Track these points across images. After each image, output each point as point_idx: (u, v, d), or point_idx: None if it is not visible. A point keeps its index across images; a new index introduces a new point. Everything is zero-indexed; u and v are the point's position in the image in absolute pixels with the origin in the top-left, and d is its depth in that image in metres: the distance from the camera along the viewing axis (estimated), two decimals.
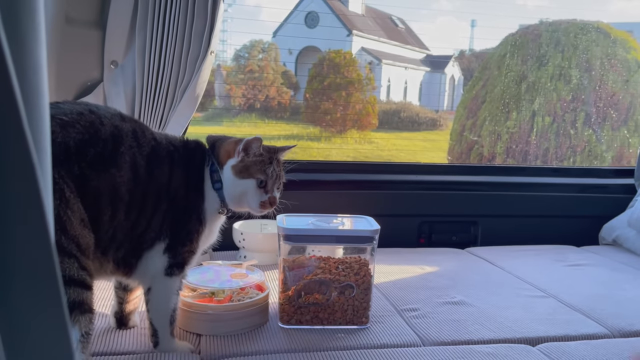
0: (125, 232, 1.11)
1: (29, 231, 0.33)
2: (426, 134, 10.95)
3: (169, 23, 1.71)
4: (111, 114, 1.12)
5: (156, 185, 1.14)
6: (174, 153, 1.20)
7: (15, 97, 0.30)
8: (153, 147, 1.15)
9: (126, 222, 1.11)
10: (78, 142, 1.03)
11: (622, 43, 6.93)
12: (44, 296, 0.34)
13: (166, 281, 1.19)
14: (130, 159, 1.10)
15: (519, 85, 6.95)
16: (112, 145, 1.08)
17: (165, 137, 1.23)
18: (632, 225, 2.22)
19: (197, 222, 1.21)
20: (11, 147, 0.31)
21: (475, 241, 2.34)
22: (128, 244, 1.13)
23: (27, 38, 0.34)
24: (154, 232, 1.15)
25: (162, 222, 1.16)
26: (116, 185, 1.07)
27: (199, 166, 1.25)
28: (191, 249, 1.21)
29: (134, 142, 1.12)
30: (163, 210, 1.16)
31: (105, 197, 1.06)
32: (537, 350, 1.32)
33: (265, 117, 10.85)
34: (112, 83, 1.75)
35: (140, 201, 1.12)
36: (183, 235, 1.19)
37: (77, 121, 1.05)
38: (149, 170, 1.13)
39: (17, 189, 0.32)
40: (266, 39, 13.39)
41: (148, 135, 1.17)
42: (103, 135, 1.07)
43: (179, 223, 1.18)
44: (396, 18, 15.46)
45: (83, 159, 1.03)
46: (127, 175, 1.09)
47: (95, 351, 1.21)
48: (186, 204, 1.20)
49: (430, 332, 1.39)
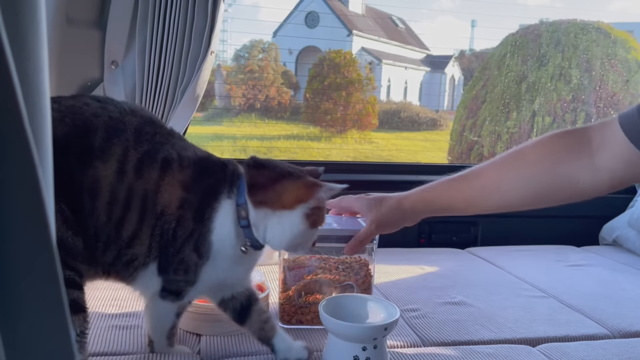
0: (109, 235, 1.02)
1: (30, 231, 0.33)
2: (426, 134, 10.96)
3: (169, 23, 1.71)
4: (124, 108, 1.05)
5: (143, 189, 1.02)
6: (180, 164, 1.05)
7: (17, 98, 0.31)
8: (149, 150, 1.03)
9: (108, 222, 1.01)
10: (64, 135, 0.98)
11: (623, 43, 6.93)
12: (44, 296, 0.34)
13: (160, 303, 1.10)
14: (121, 152, 1.00)
15: (519, 85, 6.95)
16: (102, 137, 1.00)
17: (184, 147, 1.08)
18: (633, 225, 2.22)
19: (195, 254, 1.05)
20: (12, 147, 0.31)
21: (475, 241, 2.34)
22: (115, 250, 1.04)
23: (28, 38, 0.34)
24: (144, 245, 1.03)
25: (150, 236, 1.03)
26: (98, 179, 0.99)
27: (214, 192, 1.06)
28: (187, 280, 1.07)
29: (132, 137, 1.02)
30: (151, 225, 1.02)
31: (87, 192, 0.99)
32: (537, 351, 1.32)
33: (265, 117, 10.86)
34: (112, 83, 1.75)
35: (124, 202, 1.01)
36: (175, 262, 1.05)
37: (66, 114, 0.99)
38: (137, 169, 1.02)
39: (17, 188, 0.32)
40: (266, 39, 13.41)
41: (158, 135, 1.05)
42: (93, 126, 1.00)
43: (169, 247, 1.04)
44: (396, 18, 15.47)
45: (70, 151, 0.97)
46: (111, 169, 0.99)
47: (95, 351, 1.21)
48: (178, 227, 1.04)
49: (430, 332, 1.39)
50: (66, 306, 0.35)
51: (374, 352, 1.10)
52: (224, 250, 1.06)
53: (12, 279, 0.33)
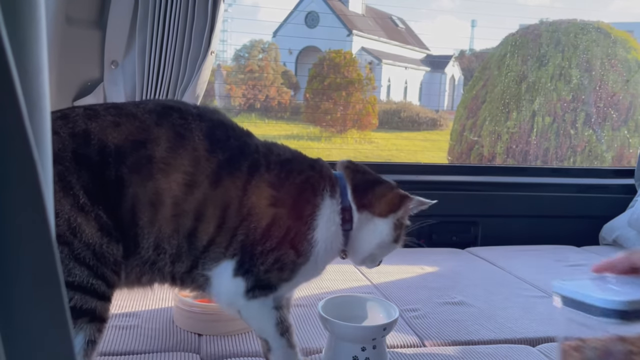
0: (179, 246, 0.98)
1: (30, 231, 0.33)
2: (426, 133, 10.96)
3: (169, 23, 1.71)
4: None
5: (224, 196, 0.98)
6: (266, 165, 1.01)
7: (17, 97, 0.31)
8: (226, 158, 0.98)
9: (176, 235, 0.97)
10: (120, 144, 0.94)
11: (623, 43, 6.93)
12: (44, 296, 0.34)
13: (252, 304, 1.03)
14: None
15: (519, 85, 6.96)
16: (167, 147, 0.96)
17: (264, 146, 1.05)
18: (633, 225, 2.22)
19: (293, 251, 1.01)
20: (12, 147, 0.32)
21: (475, 241, 2.34)
22: (189, 259, 1.00)
23: (28, 38, 0.34)
24: (220, 247, 1.00)
25: (230, 238, 0.99)
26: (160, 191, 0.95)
27: (312, 190, 1.03)
28: (280, 277, 1.03)
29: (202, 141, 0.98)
30: (232, 228, 0.98)
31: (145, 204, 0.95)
32: (537, 350, 1.32)
33: (265, 117, 10.87)
34: (112, 83, 1.75)
35: (194, 213, 0.97)
36: (267, 261, 1.00)
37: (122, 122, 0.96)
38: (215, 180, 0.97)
39: (17, 188, 0.32)
40: (266, 39, 13.41)
41: (233, 139, 1.01)
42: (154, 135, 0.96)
43: (256, 245, 1.00)
44: (396, 18, 15.47)
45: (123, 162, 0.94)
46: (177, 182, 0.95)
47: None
48: (272, 226, 1.00)
49: (430, 332, 1.39)
50: (67, 306, 0.35)
51: (373, 352, 1.10)
52: (325, 251, 1.03)
53: (11, 278, 0.33)
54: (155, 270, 1.00)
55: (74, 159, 0.93)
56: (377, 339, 1.11)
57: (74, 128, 0.95)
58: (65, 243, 0.90)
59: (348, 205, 1.03)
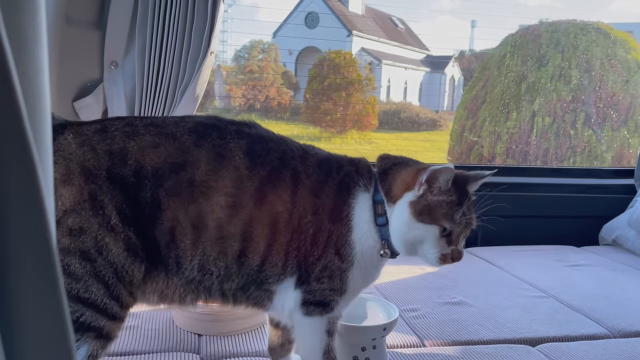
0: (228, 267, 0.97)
1: (29, 231, 0.33)
2: (426, 134, 10.95)
3: (169, 23, 1.71)
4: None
5: (271, 213, 0.96)
6: (306, 172, 1.00)
7: (17, 98, 0.31)
8: (268, 173, 0.97)
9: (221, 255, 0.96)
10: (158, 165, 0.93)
11: (622, 43, 6.93)
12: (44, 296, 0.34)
13: (306, 320, 1.01)
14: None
15: (519, 86, 6.95)
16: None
17: (302, 150, 1.04)
18: (632, 225, 2.22)
19: (337, 257, 0.99)
20: (12, 147, 0.31)
21: (475, 241, 2.34)
22: (241, 279, 0.98)
23: (28, 38, 0.34)
24: (277, 266, 0.98)
25: (285, 254, 0.97)
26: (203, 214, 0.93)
27: (347, 188, 1.01)
28: (332, 288, 0.99)
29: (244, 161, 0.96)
30: (284, 242, 0.97)
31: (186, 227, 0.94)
32: (537, 350, 1.32)
33: (265, 117, 10.86)
34: (112, 83, 1.75)
35: (241, 235, 0.95)
36: (317, 270, 0.98)
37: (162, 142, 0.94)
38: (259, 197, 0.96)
39: (17, 189, 0.32)
40: (266, 40, 13.40)
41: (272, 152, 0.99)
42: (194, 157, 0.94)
43: (308, 256, 0.98)
44: (396, 18, 15.46)
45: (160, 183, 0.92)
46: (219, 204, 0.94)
47: None
48: (318, 233, 0.98)
49: (430, 332, 1.39)
50: (66, 307, 0.35)
51: (373, 352, 1.10)
52: (364, 252, 1.00)
53: (10, 279, 0.33)
54: (201, 289, 0.98)
55: (108, 178, 0.91)
56: (377, 339, 1.11)
57: (112, 145, 0.93)
58: (89, 259, 0.89)
59: (380, 199, 1.01)
